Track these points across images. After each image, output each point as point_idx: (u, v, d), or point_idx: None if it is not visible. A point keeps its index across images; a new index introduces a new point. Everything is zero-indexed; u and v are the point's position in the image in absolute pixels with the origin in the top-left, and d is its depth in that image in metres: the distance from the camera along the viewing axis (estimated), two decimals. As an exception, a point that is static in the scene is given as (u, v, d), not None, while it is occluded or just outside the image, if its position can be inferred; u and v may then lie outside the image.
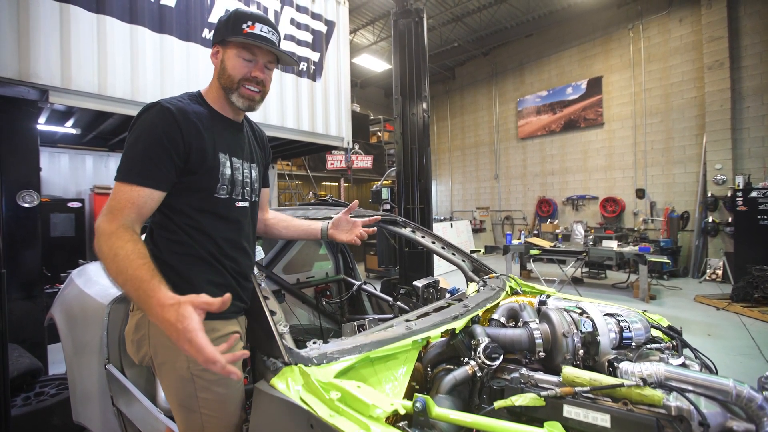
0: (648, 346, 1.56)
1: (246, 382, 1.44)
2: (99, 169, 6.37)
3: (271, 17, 5.23)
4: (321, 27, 5.91)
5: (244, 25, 1.31)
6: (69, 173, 6.13)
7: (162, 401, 1.70)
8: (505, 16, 11.73)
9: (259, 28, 1.33)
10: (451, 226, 10.96)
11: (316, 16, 5.83)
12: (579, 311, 1.58)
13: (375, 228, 1.85)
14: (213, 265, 1.36)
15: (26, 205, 3.43)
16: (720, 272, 8.28)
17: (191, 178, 1.29)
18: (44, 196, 5.05)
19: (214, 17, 4.65)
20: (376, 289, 3.30)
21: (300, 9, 5.60)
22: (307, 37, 5.69)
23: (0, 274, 1.53)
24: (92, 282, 2.42)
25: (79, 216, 5.54)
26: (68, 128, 5.13)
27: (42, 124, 4.80)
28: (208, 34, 4.60)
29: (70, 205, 5.49)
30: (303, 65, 5.66)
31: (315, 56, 5.82)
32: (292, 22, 5.51)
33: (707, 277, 8.42)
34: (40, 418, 2.66)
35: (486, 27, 12.24)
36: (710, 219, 8.62)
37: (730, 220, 8.26)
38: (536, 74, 12.74)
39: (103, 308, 2.02)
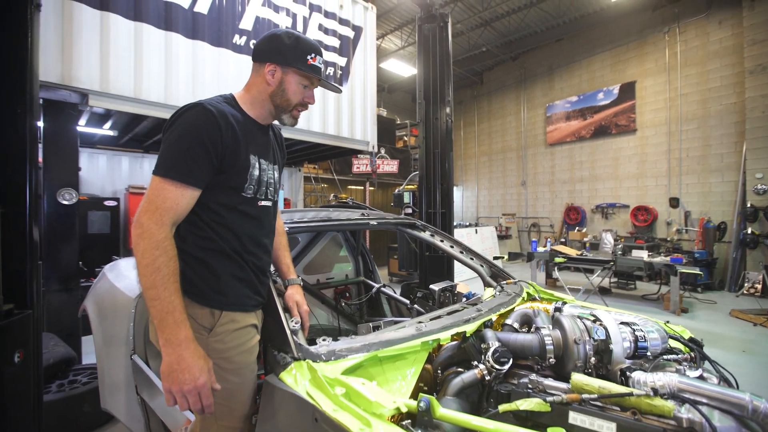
0: (665, 357, 1.52)
1: (263, 377, 1.48)
2: (134, 169, 6.65)
3: (300, 24, 5.36)
4: (348, 32, 6.00)
5: (309, 57, 1.45)
6: (106, 173, 6.42)
7: (181, 392, 1.77)
8: (535, 20, 11.58)
9: (318, 61, 1.48)
10: (476, 232, 10.86)
11: (343, 22, 5.93)
12: (593, 319, 1.56)
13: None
14: (236, 261, 1.42)
15: (65, 203, 3.61)
16: (759, 286, 7.88)
17: (222, 176, 1.36)
18: (82, 194, 5.32)
19: (244, 24, 4.80)
20: (395, 293, 3.32)
21: (328, 15, 5.71)
22: (335, 42, 5.79)
23: (37, 266, 1.62)
24: (122, 276, 2.54)
25: (115, 214, 5.81)
26: (106, 130, 5.38)
27: (82, 126, 5.06)
28: (238, 39, 4.75)
29: (106, 203, 5.77)
30: (330, 70, 5.75)
31: (342, 61, 5.91)
32: (320, 27, 5.62)
33: (745, 291, 8.02)
34: (72, 404, 2.81)
35: (515, 31, 12.12)
36: (749, 230, 8.21)
37: (771, 231, 7.88)
38: (566, 79, 12.50)
39: (131, 301, 2.11)
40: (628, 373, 1.33)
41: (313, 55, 1.46)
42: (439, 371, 1.53)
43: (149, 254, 1.19)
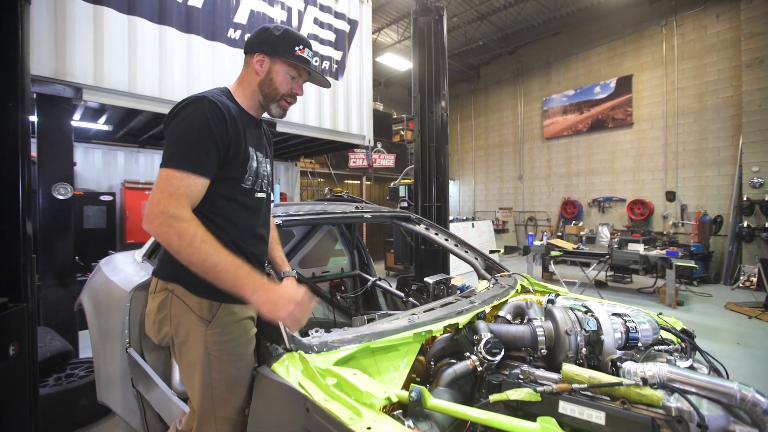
0: (656, 347, 1.54)
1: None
2: (130, 164, 6.62)
3: (295, 17, 5.33)
4: (344, 26, 5.97)
5: (297, 48, 1.47)
6: (102, 168, 6.39)
7: (177, 384, 1.78)
8: (531, 13, 11.55)
9: (306, 53, 1.50)
10: (473, 226, 10.86)
11: (339, 16, 5.90)
12: (584, 310, 1.57)
13: None
14: (236, 252, 1.42)
15: (60, 198, 3.60)
16: (755, 279, 7.91)
17: (225, 168, 1.38)
18: (78, 189, 5.29)
19: (239, 17, 4.78)
20: (391, 286, 3.33)
21: (323, 8, 5.68)
22: (330, 36, 5.77)
23: (31, 259, 1.62)
24: (117, 270, 2.54)
25: (111, 209, 5.78)
26: (101, 125, 5.36)
27: (76, 121, 5.04)
28: (233, 33, 4.72)
29: (102, 198, 5.74)
30: (325, 64, 5.73)
31: (337, 55, 5.89)
32: (316, 21, 5.59)
33: (741, 284, 8.07)
34: (69, 397, 2.82)
35: (512, 25, 12.08)
36: (745, 224, 8.24)
37: (766, 225, 7.90)
38: (563, 73, 12.48)
39: (125, 295, 2.12)
40: (618, 364, 1.34)
41: (301, 46, 1.48)
42: (432, 363, 1.55)
43: (187, 233, 1.18)
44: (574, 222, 11.69)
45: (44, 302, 3.53)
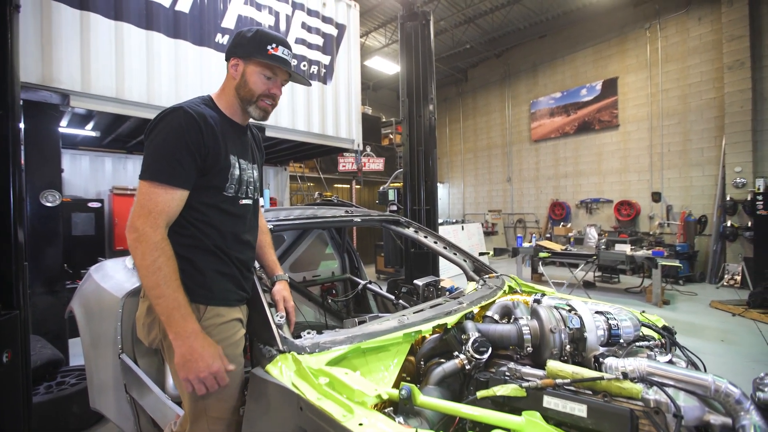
0: (638, 344, 1.59)
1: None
2: (118, 170, 6.57)
3: (283, 22, 5.36)
4: (332, 30, 6.01)
5: (269, 47, 1.45)
6: (89, 174, 6.33)
7: (170, 388, 1.79)
8: (518, 17, 11.70)
9: (281, 51, 1.47)
10: (462, 229, 10.93)
11: (326, 20, 5.94)
12: (568, 308, 1.62)
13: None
14: (220, 257, 1.46)
15: (49, 205, 3.58)
16: (738, 278, 8.10)
17: (205, 177, 1.40)
18: (66, 196, 5.24)
19: (226, 22, 4.79)
20: (381, 289, 3.36)
21: (311, 13, 5.71)
22: (318, 40, 5.80)
23: (23, 267, 1.63)
24: (108, 277, 2.54)
25: (99, 215, 5.73)
26: (88, 131, 5.32)
27: (64, 127, 5.00)
28: (221, 38, 4.73)
29: (90, 205, 5.68)
30: (314, 68, 5.76)
31: (326, 59, 5.92)
32: (303, 25, 5.62)
33: (725, 283, 8.25)
34: (60, 405, 2.80)
35: (498, 28, 12.22)
36: (729, 223, 8.43)
37: (749, 224, 8.06)
38: (550, 75, 12.66)
39: (117, 301, 2.12)
40: (601, 360, 1.39)
41: (274, 45, 1.46)
42: (422, 362, 1.59)
43: (149, 256, 1.24)
44: (562, 223, 11.84)
45: (33, 310, 3.50)
